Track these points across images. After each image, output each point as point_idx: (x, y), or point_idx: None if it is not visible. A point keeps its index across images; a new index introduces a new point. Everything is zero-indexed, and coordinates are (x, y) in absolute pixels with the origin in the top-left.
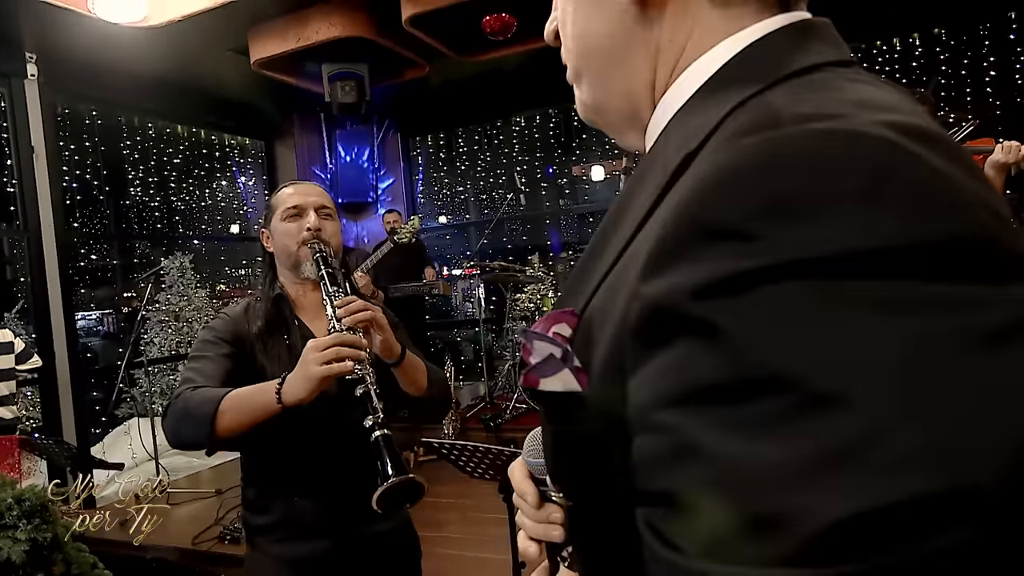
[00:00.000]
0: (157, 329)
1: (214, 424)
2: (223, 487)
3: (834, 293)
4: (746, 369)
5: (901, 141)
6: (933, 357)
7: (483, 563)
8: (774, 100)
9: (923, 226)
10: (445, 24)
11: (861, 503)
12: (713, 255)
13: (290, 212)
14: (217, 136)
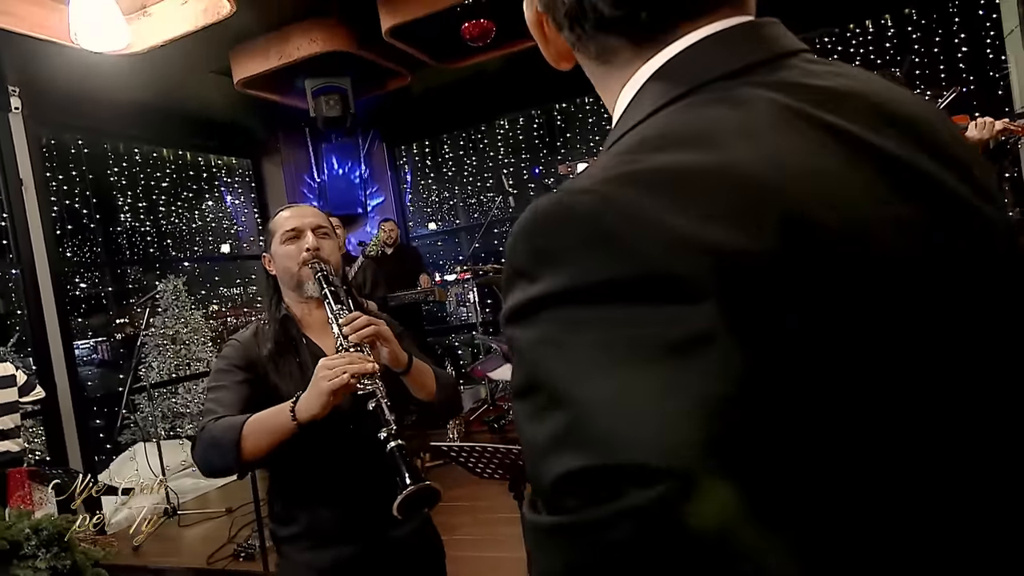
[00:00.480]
0: (155, 353)
1: (239, 450)
2: (232, 505)
3: (565, 317)
4: (527, 375)
5: (610, 194)
6: (616, 363)
7: (499, 562)
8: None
9: (615, 266)
10: (425, 33)
11: (563, 467)
12: (512, 290)
13: (289, 235)
14: (203, 157)
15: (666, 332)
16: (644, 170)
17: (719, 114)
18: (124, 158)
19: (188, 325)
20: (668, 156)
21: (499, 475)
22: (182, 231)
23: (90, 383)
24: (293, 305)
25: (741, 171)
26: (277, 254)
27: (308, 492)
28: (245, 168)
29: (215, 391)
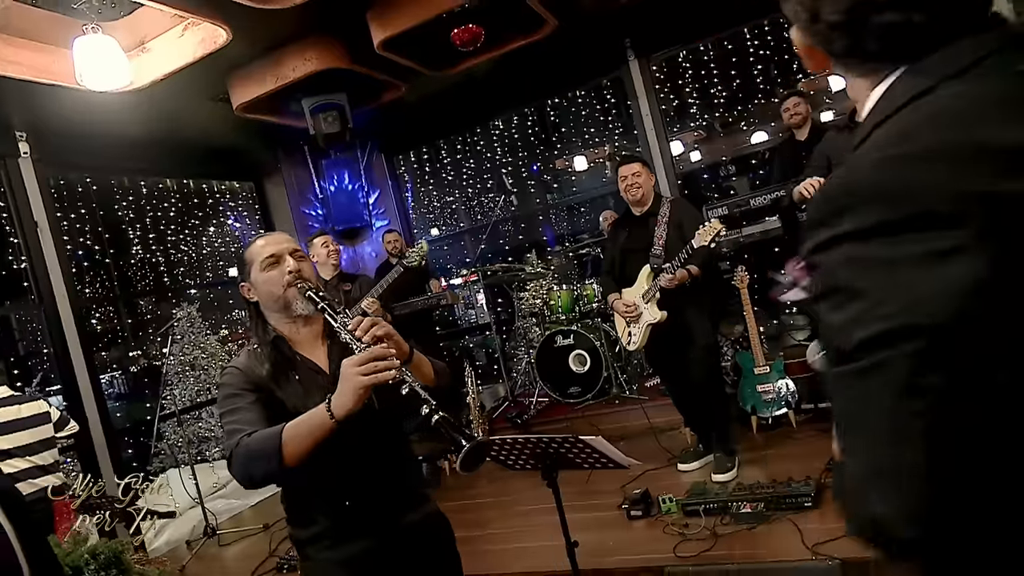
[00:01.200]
0: (175, 381)
1: (282, 456)
2: (269, 521)
3: (857, 245)
4: (830, 284)
5: (884, 165)
6: (896, 265)
7: (531, 551)
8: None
9: (892, 212)
10: (415, 43)
11: (864, 334)
12: (817, 232)
13: (269, 261)
14: (207, 184)
15: (933, 245)
16: (912, 150)
17: (955, 104)
18: (130, 192)
19: (205, 351)
20: (931, 136)
21: (531, 466)
22: (192, 259)
23: (118, 415)
24: (280, 326)
25: (981, 141)
26: (259, 281)
27: (324, 493)
28: (248, 191)
29: (232, 414)
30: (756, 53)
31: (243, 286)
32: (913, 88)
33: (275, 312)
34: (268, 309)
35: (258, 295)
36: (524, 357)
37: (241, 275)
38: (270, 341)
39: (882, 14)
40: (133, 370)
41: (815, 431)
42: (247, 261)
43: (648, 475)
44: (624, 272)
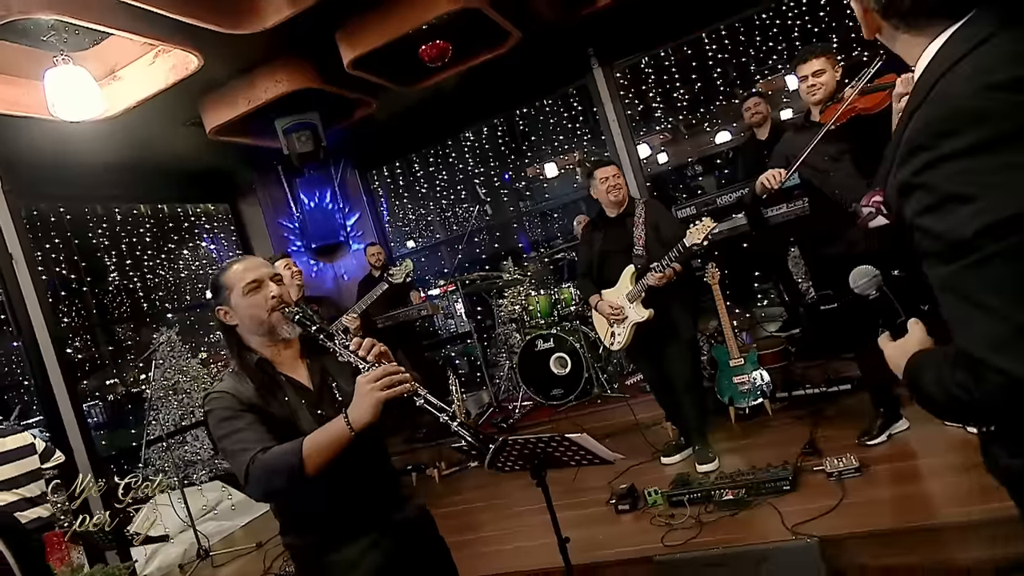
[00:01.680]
0: (159, 405)
1: (303, 468)
2: (262, 540)
3: (964, 159)
4: (936, 196)
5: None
6: (1007, 171)
7: (525, 551)
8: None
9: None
10: (385, 61)
11: (980, 224)
12: (913, 157)
13: (251, 286)
14: (182, 208)
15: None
16: (1001, 80)
17: (1018, 47)
18: (104, 219)
19: (187, 374)
20: (1014, 69)
21: (519, 467)
22: (169, 283)
23: (102, 443)
24: (261, 349)
25: None
26: (241, 305)
27: (321, 500)
28: (224, 213)
29: (234, 435)
30: (715, 57)
31: (220, 310)
32: (975, 37)
33: (258, 335)
34: (250, 332)
35: (239, 319)
36: (506, 363)
37: (217, 299)
38: (254, 363)
39: None
40: (110, 398)
41: (790, 418)
42: (226, 285)
43: (633, 470)
44: (603, 274)
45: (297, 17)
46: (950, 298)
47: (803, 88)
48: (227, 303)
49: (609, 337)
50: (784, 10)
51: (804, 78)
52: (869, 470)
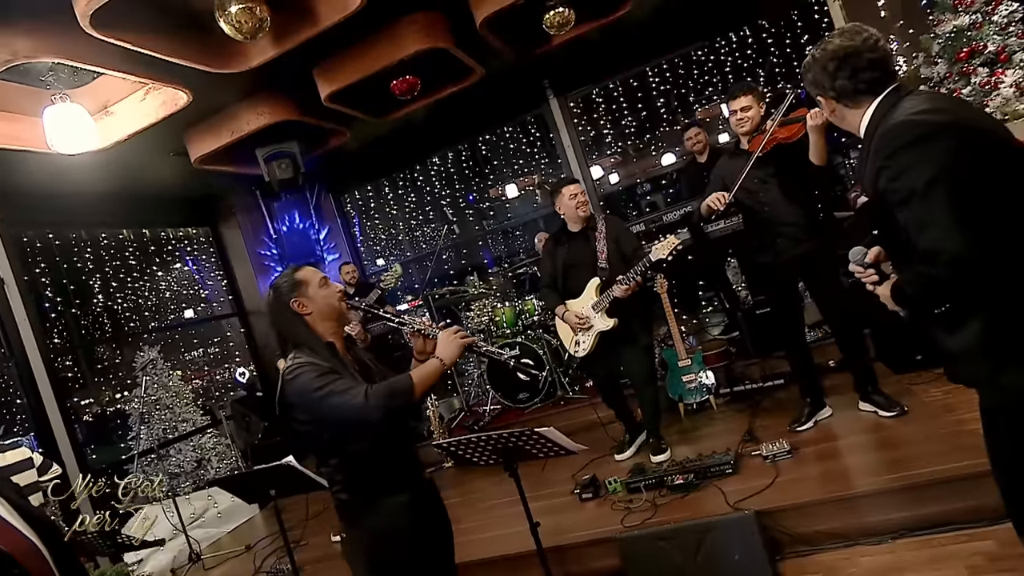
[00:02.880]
0: (146, 420)
1: (414, 391)
2: (250, 543)
3: (907, 155)
4: (898, 169)
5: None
6: (926, 148)
7: (503, 539)
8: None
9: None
10: (359, 94)
11: (922, 180)
12: (880, 156)
13: (323, 282)
14: (165, 231)
15: (938, 145)
16: (913, 116)
17: (914, 102)
18: (89, 244)
19: (169, 389)
20: (920, 108)
21: (493, 461)
22: (151, 304)
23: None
24: (327, 334)
25: (938, 108)
26: (318, 296)
27: (382, 458)
28: (205, 236)
29: (337, 382)
30: (658, 88)
31: (296, 302)
32: (892, 100)
33: (328, 321)
34: (322, 319)
35: (314, 307)
36: (474, 371)
37: (293, 293)
38: (326, 344)
39: (863, 73)
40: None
41: (732, 411)
42: (302, 280)
43: (595, 463)
44: (567, 285)
45: (280, 57)
46: (915, 223)
47: (733, 121)
48: (304, 295)
49: (574, 345)
50: (717, 48)
51: (733, 112)
52: (799, 452)
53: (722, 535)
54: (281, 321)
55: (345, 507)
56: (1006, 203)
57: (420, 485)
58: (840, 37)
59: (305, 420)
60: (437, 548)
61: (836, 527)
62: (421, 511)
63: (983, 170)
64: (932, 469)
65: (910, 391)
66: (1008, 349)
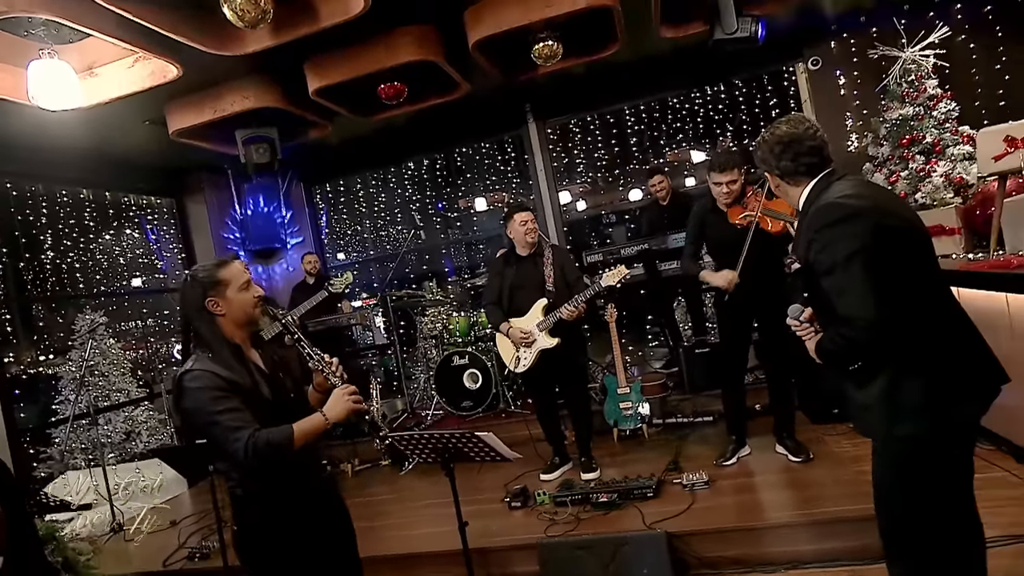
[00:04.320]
0: (77, 386)
1: (293, 447)
2: (176, 519)
3: (831, 231)
4: (824, 243)
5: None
6: (848, 228)
7: (427, 536)
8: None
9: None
10: (345, 93)
11: (845, 253)
12: (811, 231)
13: (245, 285)
14: (127, 197)
15: (858, 225)
16: (841, 198)
17: (844, 186)
18: (45, 199)
19: (107, 357)
20: (848, 192)
21: (432, 459)
22: (100, 268)
23: (21, 415)
24: (234, 335)
25: (860, 193)
26: (235, 299)
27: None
28: (169, 207)
29: (227, 413)
30: (633, 127)
31: (211, 301)
32: (826, 184)
33: (239, 326)
34: (234, 322)
35: (228, 310)
36: (421, 376)
37: (212, 291)
38: (231, 347)
39: (804, 158)
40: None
41: (662, 440)
42: (223, 280)
43: (527, 475)
44: (512, 304)
45: (275, 47)
46: (835, 290)
47: (716, 190)
48: (221, 296)
49: (514, 361)
50: (693, 97)
51: (719, 184)
52: (716, 484)
53: (635, 550)
54: (190, 314)
55: (236, 501)
56: (912, 279)
57: (310, 483)
58: (786, 124)
59: (197, 429)
60: (326, 546)
61: (739, 554)
62: (307, 509)
63: (894, 249)
64: (831, 509)
65: (823, 440)
66: (904, 403)
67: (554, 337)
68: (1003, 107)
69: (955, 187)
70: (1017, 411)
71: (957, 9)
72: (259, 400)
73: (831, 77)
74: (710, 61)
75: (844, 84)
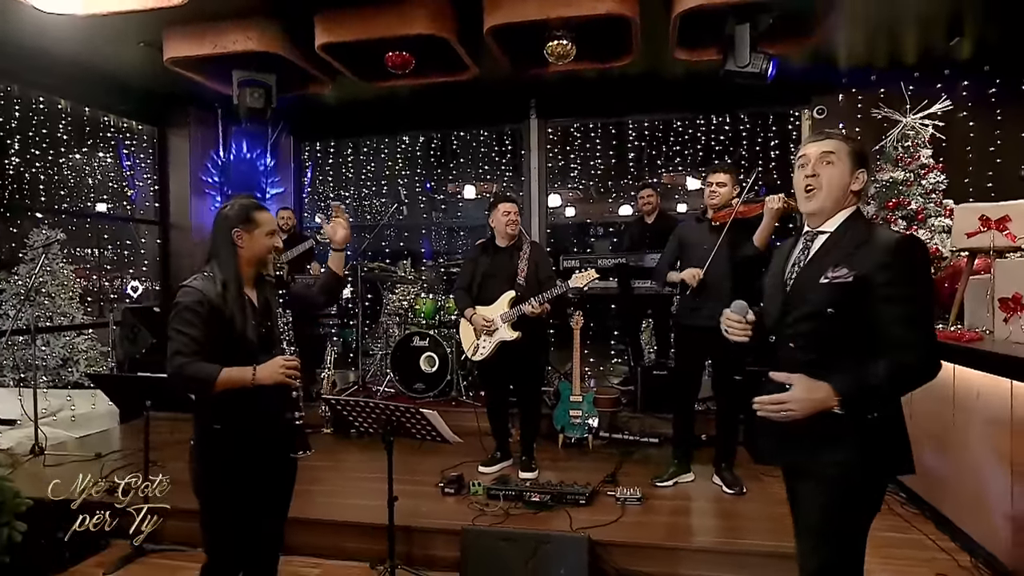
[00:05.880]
0: (14, 302)
1: (212, 389)
2: (102, 451)
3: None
4: (906, 292)
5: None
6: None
7: (356, 507)
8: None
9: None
10: (352, 53)
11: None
12: (880, 261)
13: (270, 232)
14: (108, 116)
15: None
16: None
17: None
18: (19, 102)
19: (56, 279)
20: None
21: (373, 429)
22: (69, 185)
23: None
24: (243, 270)
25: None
26: (258, 241)
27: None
28: (149, 135)
29: (185, 335)
30: (633, 142)
31: (238, 233)
32: (862, 215)
33: (250, 264)
34: (246, 259)
35: (248, 246)
36: (379, 352)
37: (244, 226)
38: (236, 277)
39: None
40: None
41: (605, 454)
42: (256, 220)
43: (466, 465)
44: (481, 293)
45: None
46: (906, 318)
47: (706, 192)
48: (248, 232)
49: (473, 349)
50: (697, 123)
51: (709, 184)
52: (648, 502)
53: (555, 549)
54: (217, 236)
55: (193, 406)
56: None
57: (263, 429)
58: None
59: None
60: (266, 492)
61: (655, 571)
62: (258, 452)
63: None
64: (751, 542)
65: (759, 478)
66: (882, 437)
67: (516, 331)
68: (989, 187)
69: (930, 257)
70: (945, 480)
71: (964, 86)
72: (230, 331)
73: (834, 128)
74: (719, 91)
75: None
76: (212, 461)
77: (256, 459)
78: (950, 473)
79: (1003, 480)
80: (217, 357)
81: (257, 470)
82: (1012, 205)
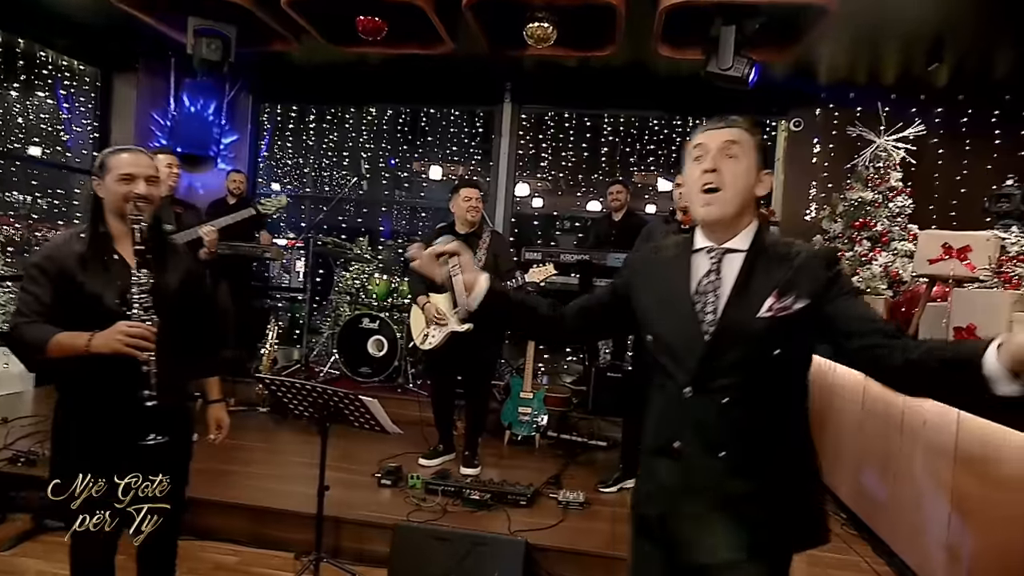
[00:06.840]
0: None
1: (45, 353)
2: (9, 416)
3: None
4: (849, 286)
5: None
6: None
7: (286, 493)
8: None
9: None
10: (321, 12)
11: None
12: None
13: (124, 178)
14: (46, 52)
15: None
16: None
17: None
18: None
19: None
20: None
21: (308, 413)
22: None
23: None
24: (111, 224)
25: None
26: (110, 188)
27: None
28: (92, 77)
29: (29, 293)
30: (607, 137)
31: (95, 181)
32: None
33: (114, 215)
34: (109, 211)
35: (105, 195)
36: (327, 332)
37: (98, 173)
38: (100, 234)
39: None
40: None
41: (551, 454)
42: (108, 166)
43: (406, 457)
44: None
45: None
46: (860, 305)
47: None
48: (102, 179)
49: (422, 337)
50: (674, 124)
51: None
52: (591, 507)
53: (491, 551)
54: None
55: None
56: None
57: (104, 379)
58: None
59: None
60: (115, 454)
61: None
62: (93, 399)
63: None
64: None
65: None
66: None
67: (468, 323)
68: (952, 216)
69: (890, 280)
70: (887, 506)
71: (938, 112)
72: (78, 292)
73: (808, 143)
74: (699, 94)
75: (818, 152)
76: (59, 440)
77: (102, 443)
78: (891, 498)
79: (942, 509)
80: (73, 322)
81: (104, 455)
82: (974, 236)
